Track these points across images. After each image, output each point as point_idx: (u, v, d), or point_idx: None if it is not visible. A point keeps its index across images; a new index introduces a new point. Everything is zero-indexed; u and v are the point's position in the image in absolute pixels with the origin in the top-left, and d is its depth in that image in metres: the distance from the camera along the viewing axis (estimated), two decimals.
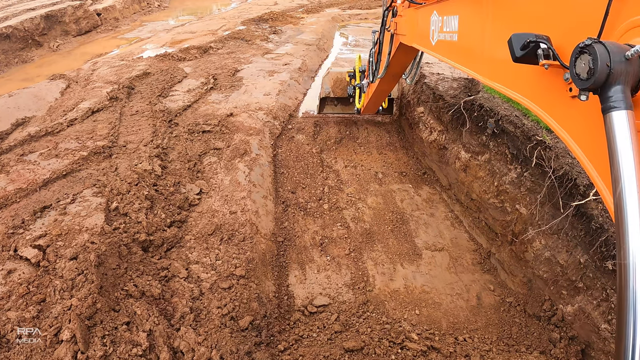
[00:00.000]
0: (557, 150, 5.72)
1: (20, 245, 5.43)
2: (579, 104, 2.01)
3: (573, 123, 2.21)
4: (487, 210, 6.95)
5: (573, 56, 1.80)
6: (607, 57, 1.62)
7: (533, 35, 2.18)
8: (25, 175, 7.03)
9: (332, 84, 9.87)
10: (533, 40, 2.16)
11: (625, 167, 1.56)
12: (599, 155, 2.01)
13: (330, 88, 9.85)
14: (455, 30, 3.75)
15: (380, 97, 8.41)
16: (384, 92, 8.11)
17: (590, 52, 1.68)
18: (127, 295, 4.79)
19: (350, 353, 4.95)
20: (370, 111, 9.55)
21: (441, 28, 4.07)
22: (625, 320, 1.41)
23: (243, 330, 4.86)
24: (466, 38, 3.56)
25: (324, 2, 25.68)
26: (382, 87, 7.66)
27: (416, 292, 6.09)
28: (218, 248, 5.94)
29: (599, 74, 1.63)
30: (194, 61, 13.94)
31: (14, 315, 4.42)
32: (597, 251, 4.87)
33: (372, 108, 9.21)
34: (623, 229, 1.48)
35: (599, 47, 1.64)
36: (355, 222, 7.40)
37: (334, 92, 9.89)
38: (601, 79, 1.64)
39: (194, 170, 7.65)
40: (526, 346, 5.30)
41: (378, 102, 8.80)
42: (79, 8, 18.40)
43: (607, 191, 1.93)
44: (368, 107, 9.07)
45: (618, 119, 1.63)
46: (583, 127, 2.13)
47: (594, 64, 1.65)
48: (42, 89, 11.24)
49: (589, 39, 1.70)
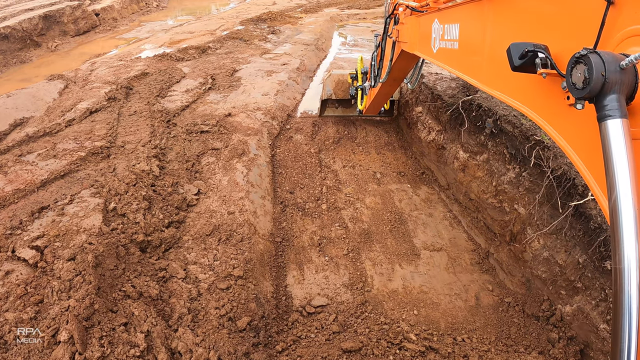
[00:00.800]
0: (556, 150, 5.72)
1: (18, 246, 5.42)
2: (576, 112, 2.04)
3: (570, 131, 2.24)
4: (485, 210, 6.95)
5: (569, 66, 1.83)
6: (602, 67, 1.65)
7: (531, 45, 2.22)
8: (23, 176, 7.02)
9: (334, 85, 9.80)
10: (531, 49, 2.20)
11: (620, 174, 1.59)
12: (595, 162, 2.05)
13: (332, 90, 9.79)
14: (456, 38, 3.80)
15: (382, 99, 8.47)
16: (386, 95, 8.17)
17: (585, 62, 1.71)
18: (125, 296, 4.78)
19: (349, 354, 4.94)
20: (372, 113, 9.60)
21: (442, 36, 4.12)
22: (620, 323, 1.43)
23: (241, 331, 4.86)
24: (467, 46, 3.61)
25: (322, 2, 25.66)
26: (384, 90, 7.71)
27: (414, 292, 6.08)
28: (216, 249, 5.93)
29: (594, 83, 1.66)
30: (192, 61, 13.92)
31: (12, 316, 4.41)
32: (595, 251, 4.87)
33: (373, 110, 9.27)
34: (618, 234, 1.52)
35: (594, 57, 1.67)
36: (354, 222, 7.39)
37: (336, 94, 9.81)
38: (596, 88, 1.67)
39: (192, 170, 7.64)
40: (525, 346, 5.30)
41: (380, 104, 8.88)
42: (78, 8, 18.37)
43: (603, 197, 1.96)
44: (370, 110, 9.12)
45: (613, 127, 1.66)
46: (580, 135, 2.17)
47: (589, 74, 1.68)
48: (40, 89, 11.23)
49: (585, 49, 1.73)
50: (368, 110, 9.20)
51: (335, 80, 9.85)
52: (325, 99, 10.07)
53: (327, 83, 9.91)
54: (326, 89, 9.87)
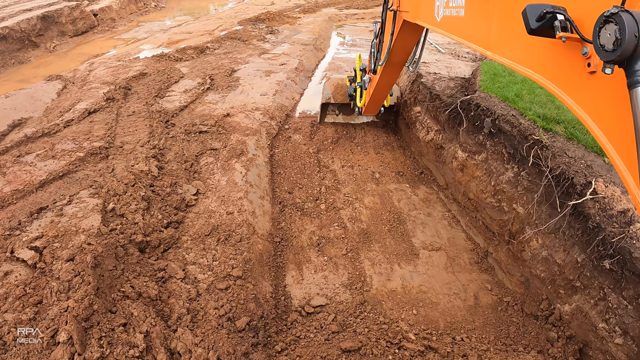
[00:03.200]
0: (554, 150, 5.73)
1: (17, 246, 5.41)
2: (599, 80, 1.89)
3: (591, 100, 2.06)
4: (484, 209, 6.96)
5: (597, 26, 1.69)
6: (635, 27, 1.52)
7: (549, 6, 2.05)
8: (21, 177, 7.01)
9: (333, 89, 9.69)
10: (550, 10, 2.03)
11: None
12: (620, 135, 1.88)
13: (331, 94, 9.66)
14: (461, 5, 3.63)
15: (382, 92, 8.02)
16: (385, 86, 7.73)
17: (616, 21, 1.57)
18: (124, 296, 4.78)
19: (348, 353, 4.94)
20: (372, 112, 9.18)
21: (447, 3, 3.94)
22: None
23: (240, 331, 4.86)
24: (474, 12, 3.43)
25: (320, 1, 25.67)
26: (384, 79, 7.33)
27: (413, 292, 6.09)
28: (215, 249, 5.93)
29: (627, 44, 1.53)
30: (191, 61, 13.92)
31: (11, 317, 4.41)
32: (594, 250, 4.87)
33: (373, 107, 8.84)
34: None
35: (626, 16, 1.54)
36: (353, 222, 7.39)
37: (335, 97, 9.67)
38: (629, 50, 1.54)
39: (191, 170, 7.64)
40: (524, 345, 5.31)
41: (380, 99, 8.42)
42: (76, 9, 18.35)
43: (627, 173, 1.82)
44: (369, 107, 8.81)
45: None
46: (603, 105, 1.99)
47: (621, 34, 1.54)
48: (38, 89, 11.22)
49: (615, 7, 1.59)
50: (368, 109, 8.90)
51: (334, 84, 9.73)
52: (325, 103, 9.91)
53: (325, 87, 9.80)
54: (325, 93, 9.73)
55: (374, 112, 9.21)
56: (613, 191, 4.93)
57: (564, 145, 5.83)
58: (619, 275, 4.57)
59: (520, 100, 7.02)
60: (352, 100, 9.33)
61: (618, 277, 4.59)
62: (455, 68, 9.94)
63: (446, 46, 11.95)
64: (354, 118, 10.18)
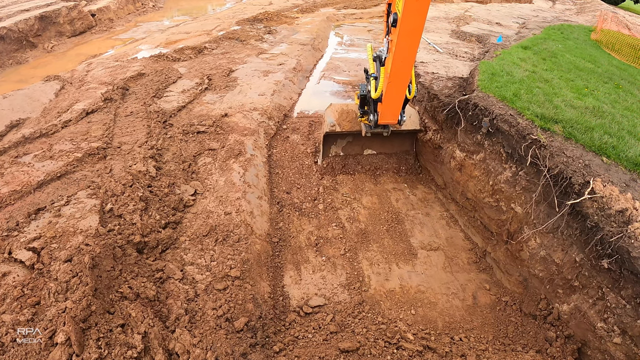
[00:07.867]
0: (552, 149, 5.74)
1: (15, 247, 5.39)
2: None
3: None
4: (482, 209, 6.96)
5: None
6: None
7: None
8: (19, 177, 6.99)
9: (337, 116, 8.18)
10: None
11: None
12: None
13: (335, 120, 8.14)
14: None
15: (403, 72, 5.96)
16: (407, 60, 5.74)
17: None
18: (122, 297, 4.76)
19: (346, 354, 4.94)
20: (390, 115, 6.77)
21: None
22: None
23: (238, 331, 4.85)
24: None
25: (318, 1, 25.65)
26: (401, 53, 5.61)
27: (412, 291, 6.09)
28: (213, 249, 5.92)
29: None
30: (189, 62, 13.89)
31: (9, 318, 4.39)
32: (592, 250, 4.88)
33: (391, 102, 6.54)
34: None
35: None
36: (351, 222, 7.39)
37: (341, 125, 8.07)
38: None
39: (189, 171, 7.62)
40: (522, 345, 5.31)
41: (401, 85, 6.22)
42: (74, 9, 18.30)
43: None
44: (387, 102, 6.51)
45: None
46: None
47: None
48: (36, 90, 11.18)
49: None
50: (384, 109, 6.65)
51: (338, 110, 8.27)
52: (328, 133, 8.32)
53: (327, 114, 8.35)
54: (327, 120, 8.20)
55: (393, 117, 6.81)
56: (611, 190, 4.94)
57: (562, 145, 5.84)
58: (617, 275, 4.58)
59: (518, 99, 7.03)
60: (361, 109, 7.51)
61: (616, 277, 4.59)
62: (453, 68, 9.95)
63: (444, 46, 11.96)
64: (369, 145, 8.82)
